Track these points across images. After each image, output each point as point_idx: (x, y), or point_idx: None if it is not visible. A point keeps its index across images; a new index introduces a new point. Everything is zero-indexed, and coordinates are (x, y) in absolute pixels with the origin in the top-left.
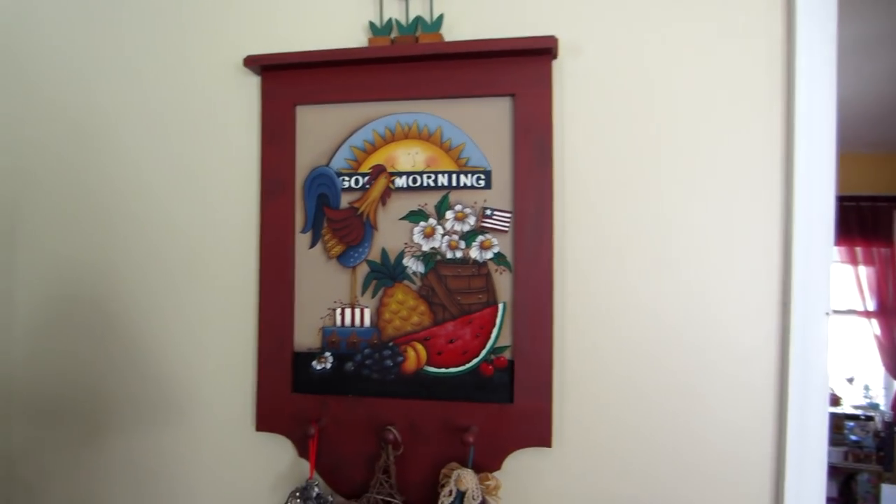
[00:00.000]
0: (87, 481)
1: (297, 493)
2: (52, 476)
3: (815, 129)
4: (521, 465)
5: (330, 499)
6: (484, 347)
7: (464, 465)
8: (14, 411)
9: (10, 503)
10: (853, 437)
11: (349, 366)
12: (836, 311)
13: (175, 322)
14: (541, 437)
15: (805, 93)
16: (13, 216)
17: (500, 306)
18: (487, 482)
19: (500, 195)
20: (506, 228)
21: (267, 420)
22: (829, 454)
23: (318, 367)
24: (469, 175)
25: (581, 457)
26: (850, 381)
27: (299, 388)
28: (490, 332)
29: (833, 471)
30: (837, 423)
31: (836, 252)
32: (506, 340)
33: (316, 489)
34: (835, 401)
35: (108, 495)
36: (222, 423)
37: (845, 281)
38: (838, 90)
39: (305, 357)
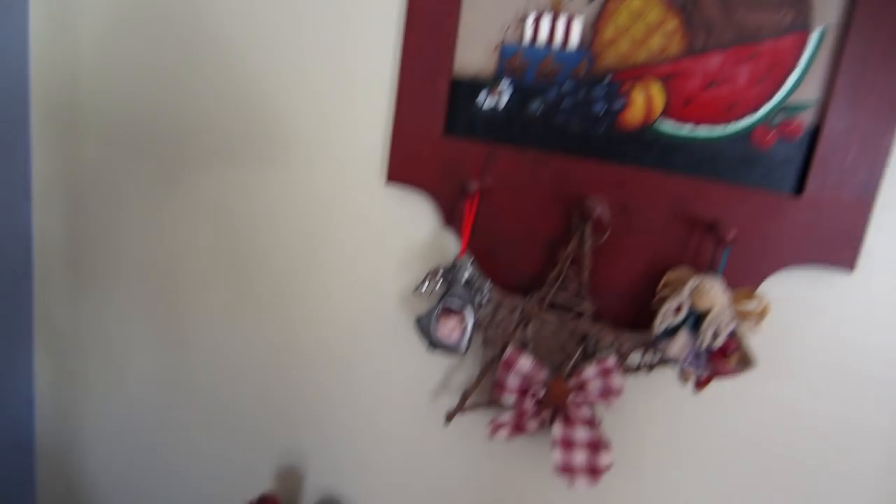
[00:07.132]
0: (169, 219)
1: (441, 275)
2: (125, 209)
3: None
4: (790, 293)
5: (485, 290)
6: (768, 100)
7: (704, 272)
8: (83, 130)
9: (79, 237)
10: None
11: (536, 105)
12: None
13: (283, 24)
14: (840, 253)
15: None
16: None
17: (815, 35)
18: (746, 303)
19: None
20: None
21: (402, 169)
22: None
23: (489, 104)
24: None
25: None
26: None
27: (455, 129)
28: (784, 77)
29: None
30: None
31: None
32: (810, 93)
33: (467, 272)
34: None
35: (190, 237)
36: (339, 168)
37: None
38: None
39: (469, 87)
